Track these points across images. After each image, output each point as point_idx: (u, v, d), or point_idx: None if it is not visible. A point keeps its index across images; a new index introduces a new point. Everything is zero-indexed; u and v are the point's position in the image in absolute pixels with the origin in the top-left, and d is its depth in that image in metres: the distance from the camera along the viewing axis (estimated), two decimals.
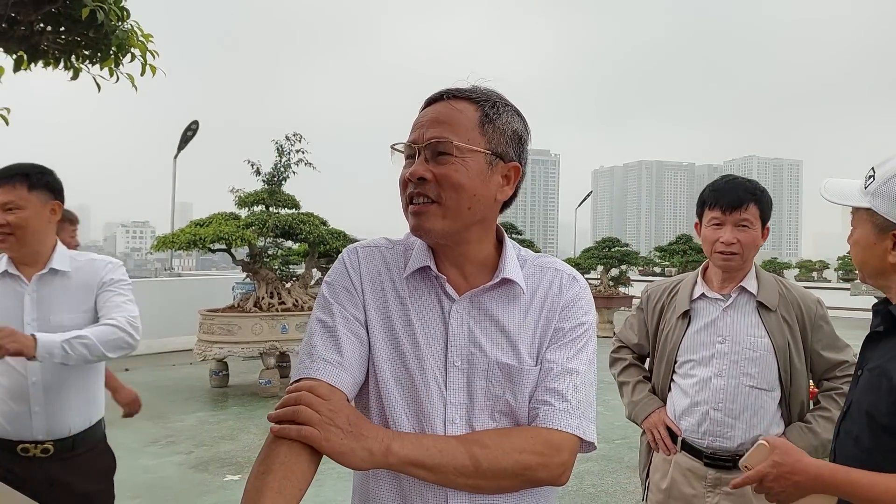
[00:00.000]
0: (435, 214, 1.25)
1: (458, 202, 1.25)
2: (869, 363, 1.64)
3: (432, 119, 1.27)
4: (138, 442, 6.36)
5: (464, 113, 1.27)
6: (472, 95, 1.30)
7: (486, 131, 1.28)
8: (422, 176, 1.24)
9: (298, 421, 1.13)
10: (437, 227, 1.26)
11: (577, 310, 1.35)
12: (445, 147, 1.24)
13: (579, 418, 1.27)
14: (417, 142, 1.26)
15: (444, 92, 1.31)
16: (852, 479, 1.50)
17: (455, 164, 1.24)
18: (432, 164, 1.25)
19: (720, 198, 2.38)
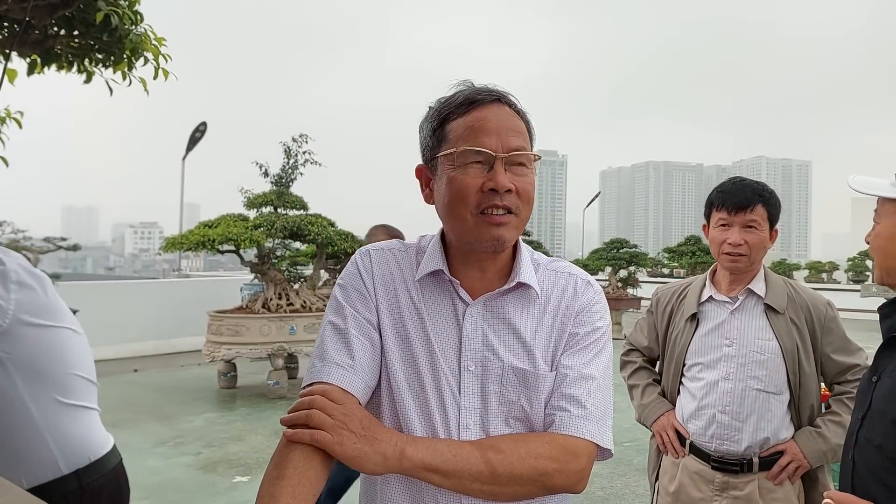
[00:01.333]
0: (513, 226, 1.26)
1: (527, 213, 1.28)
2: (889, 369, 1.60)
3: (504, 126, 1.25)
4: (146, 443, 6.39)
5: (521, 122, 1.29)
6: (512, 102, 1.30)
7: (531, 140, 1.31)
8: (509, 188, 1.23)
9: (311, 425, 1.12)
10: (511, 238, 1.28)
11: (592, 315, 1.35)
12: (523, 158, 1.25)
13: (596, 425, 1.26)
14: (496, 150, 1.23)
15: (498, 94, 1.29)
16: None
17: (529, 176, 1.27)
18: (509, 174, 1.24)
19: (727, 199, 2.38)
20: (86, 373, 2.03)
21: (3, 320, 1.80)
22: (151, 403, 8.13)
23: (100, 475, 1.96)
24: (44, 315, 1.91)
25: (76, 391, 1.97)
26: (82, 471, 1.92)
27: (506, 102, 1.28)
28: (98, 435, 2.01)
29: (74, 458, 1.91)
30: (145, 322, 11.88)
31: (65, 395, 1.93)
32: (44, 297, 1.93)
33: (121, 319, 11.51)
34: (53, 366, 1.91)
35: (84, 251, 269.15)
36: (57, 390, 1.91)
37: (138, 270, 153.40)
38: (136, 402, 8.20)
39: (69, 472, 1.90)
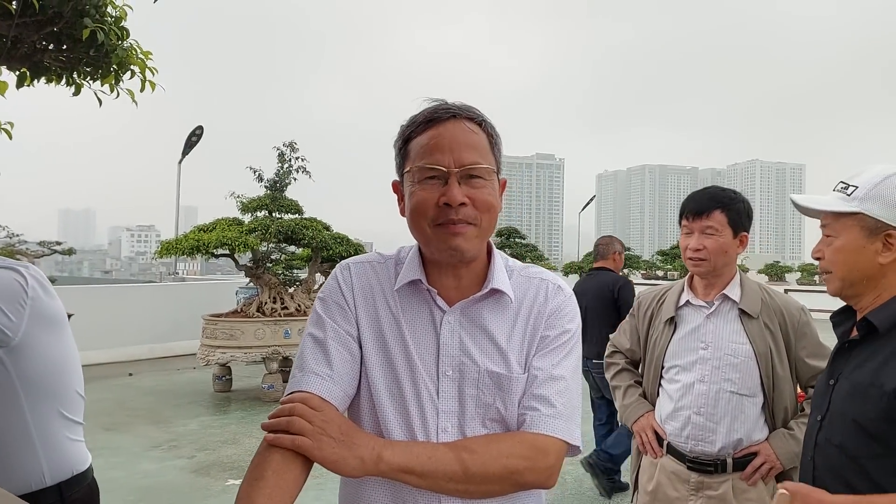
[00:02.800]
0: (472, 236, 1.31)
1: (489, 223, 1.33)
2: (846, 372, 1.68)
3: (457, 142, 1.30)
4: (140, 446, 6.43)
5: (480, 136, 1.33)
6: (475, 117, 1.35)
7: (494, 152, 1.36)
8: (463, 201, 1.28)
9: (292, 431, 1.17)
10: (472, 248, 1.32)
11: (562, 318, 1.40)
12: (478, 171, 1.30)
13: (565, 423, 1.31)
14: (448, 165, 1.29)
15: (454, 111, 1.33)
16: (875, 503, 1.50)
17: (486, 187, 1.31)
18: (465, 187, 1.29)
19: (687, 206, 2.51)
20: (80, 388, 2.07)
21: (15, 336, 1.83)
22: (146, 407, 8.16)
23: (79, 488, 2.00)
24: (54, 331, 1.95)
25: (73, 406, 2.02)
26: (64, 483, 1.96)
27: (466, 117, 1.33)
28: (82, 449, 2.06)
29: (59, 470, 1.95)
30: (141, 325, 11.91)
31: (65, 409, 1.98)
32: (56, 313, 1.97)
33: (116, 323, 11.55)
34: (58, 381, 1.96)
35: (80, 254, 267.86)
36: (58, 404, 1.96)
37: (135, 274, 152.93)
38: (131, 405, 8.24)
39: (52, 483, 1.93)
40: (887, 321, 1.62)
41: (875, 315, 1.64)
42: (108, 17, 3.03)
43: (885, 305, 1.64)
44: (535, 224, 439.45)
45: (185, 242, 8.54)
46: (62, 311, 2.02)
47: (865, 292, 1.68)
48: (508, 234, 17.98)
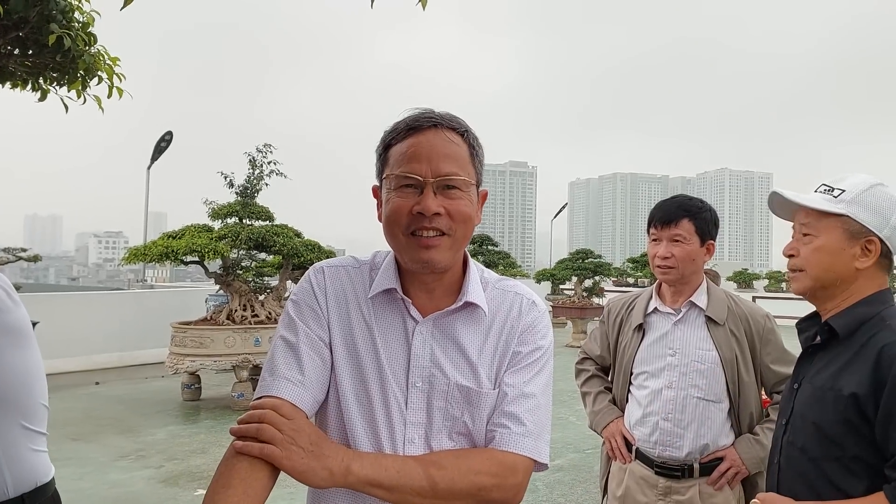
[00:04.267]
0: (445, 247, 1.30)
1: (464, 234, 1.32)
2: (808, 376, 1.73)
3: (435, 152, 1.29)
4: (107, 456, 6.32)
5: (460, 146, 1.32)
6: (457, 127, 1.34)
7: (474, 163, 1.34)
8: (437, 211, 1.27)
9: (261, 439, 1.16)
10: (445, 259, 1.31)
11: (534, 334, 1.40)
12: (456, 182, 1.29)
13: (534, 441, 1.31)
14: (424, 175, 1.28)
15: (436, 120, 1.32)
16: None
17: (464, 199, 1.30)
18: (441, 197, 1.28)
19: (655, 215, 2.55)
20: (44, 398, 2.02)
21: None
22: (113, 416, 8.04)
23: (43, 499, 1.96)
24: (19, 341, 1.90)
25: (37, 417, 1.96)
26: (28, 495, 1.91)
27: (447, 127, 1.33)
28: (45, 460, 2.01)
29: (22, 482, 1.90)
30: (108, 333, 11.73)
31: (28, 421, 1.92)
32: (21, 322, 1.91)
33: (83, 331, 11.37)
34: (21, 392, 1.90)
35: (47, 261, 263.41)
36: (21, 416, 1.90)
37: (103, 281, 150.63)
38: (98, 414, 8.11)
39: (16, 495, 1.89)
40: (847, 326, 1.66)
41: (836, 320, 1.69)
42: (74, 23, 3.00)
43: (847, 311, 1.69)
44: (508, 231, 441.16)
45: (153, 249, 8.43)
46: (27, 319, 1.97)
47: (834, 295, 1.72)
48: (481, 242, 17.98)
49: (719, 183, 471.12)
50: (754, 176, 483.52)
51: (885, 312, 1.66)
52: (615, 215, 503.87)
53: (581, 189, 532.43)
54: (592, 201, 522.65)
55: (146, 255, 8.46)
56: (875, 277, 1.69)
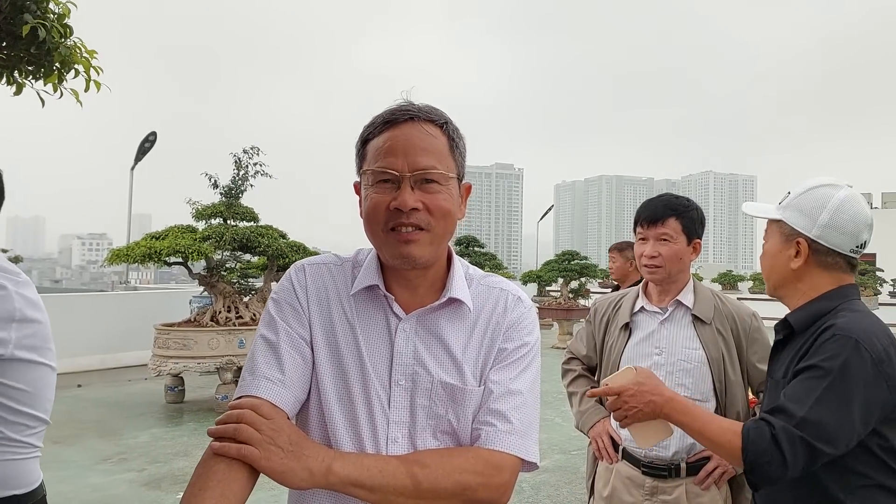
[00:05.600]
0: (424, 242, 1.27)
1: (445, 229, 1.29)
2: (773, 370, 1.83)
3: (412, 145, 1.26)
4: (88, 459, 6.24)
5: (437, 139, 1.29)
6: (435, 118, 1.31)
7: (454, 156, 1.32)
8: (414, 206, 1.24)
9: (239, 439, 1.13)
10: (425, 255, 1.28)
11: (520, 330, 1.37)
12: (434, 176, 1.26)
13: (520, 439, 1.28)
14: (401, 169, 1.25)
15: (413, 113, 1.30)
16: (694, 410, 1.77)
17: (443, 193, 1.27)
18: (419, 192, 1.26)
19: (642, 214, 2.53)
20: (48, 414, 1.98)
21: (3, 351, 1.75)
22: (95, 419, 7.94)
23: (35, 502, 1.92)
24: (36, 350, 1.86)
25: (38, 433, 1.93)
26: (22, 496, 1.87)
27: (425, 120, 1.30)
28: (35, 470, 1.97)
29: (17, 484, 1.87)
30: (90, 336, 11.58)
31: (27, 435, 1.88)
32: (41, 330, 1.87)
33: (64, 333, 11.17)
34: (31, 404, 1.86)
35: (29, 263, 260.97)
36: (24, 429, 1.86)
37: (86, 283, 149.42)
38: (80, 417, 8.01)
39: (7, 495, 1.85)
40: (802, 320, 1.75)
41: (793, 315, 1.78)
42: (50, 14, 2.92)
43: (805, 306, 1.77)
44: (495, 233, 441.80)
45: (136, 250, 8.34)
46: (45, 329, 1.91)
47: (789, 294, 1.82)
48: (467, 243, 17.94)
49: (704, 185, 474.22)
50: (738, 178, 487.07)
51: (844, 306, 1.71)
52: (601, 217, 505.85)
53: (567, 191, 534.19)
54: (578, 203, 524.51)
55: (129, 255, 8.37)
56: (821, 275, 1.76)
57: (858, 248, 1.75)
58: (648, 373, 1.91)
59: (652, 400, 1.83)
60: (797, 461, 1.53)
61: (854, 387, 1.54)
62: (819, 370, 1.57)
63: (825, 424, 1.53)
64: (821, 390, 1.55)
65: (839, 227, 1.71)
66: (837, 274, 1.76)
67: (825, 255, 1.74)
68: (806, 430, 1.53)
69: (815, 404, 1.54)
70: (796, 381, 1.61)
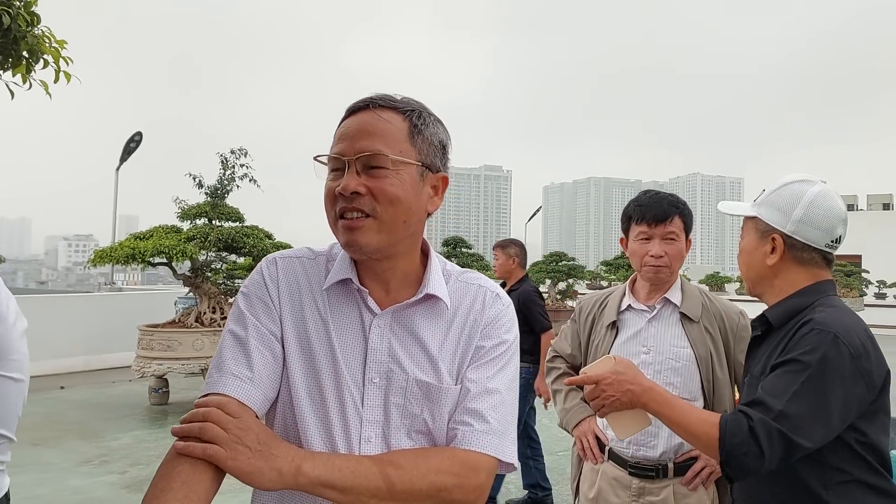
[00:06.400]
0: (370, 229, 1.22)
1: (394, 216, 1.23)
2: (750, 367, 1.82)
3: (361, 130, 1.23)
4: (69, 462, 6.15)
5: (393, 124, 1.25)
6: (397, 105, 1.27)
7: (415, 142, 1.26)
8: (355, 190, 1.20)
9: (205, 438, 1.08)
10: (372, 243, 1.23)
11: (499, 328, 1.33)
12: (380, 160, 1.21)
13: (497, 439, 1.24)
14: (346, 154, 1.22)
15: (369, 100, 1.27)
16: (673, 401, 1.75)
17: (390, 178, 1.22)
18: (365, 177, 1.21)
19: (646, 212, 2.44)
20: (12, 429, 1.89)
21: None
22: (78, 421, 7.84)
23: None
24: None
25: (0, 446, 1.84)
26: None
27: (381, 106, 1.27)
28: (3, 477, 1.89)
29: None
30: (75, 337, 11.48)
31: None
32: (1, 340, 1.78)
33: (48, 334, 11.10)
34: None
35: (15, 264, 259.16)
36: None
37: (72, 284, 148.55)
38: (62, 419, 7.91)
39: None
40: (779, 316, 1.74)
41: (770, 311, 1.77)
42: (15, 2, 2.81)
43: (782, 302, 1.76)
44: (483, 234, 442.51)
45: (119, 251, 8.25)
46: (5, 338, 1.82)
47: (765, 291, 1.82)
48: (455, 244, 17.89)
49: (691, 187, 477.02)
50: (725, 181, 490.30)
51: (821, 301, 1.70)
52: (589, 219, 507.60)
53: (555, 193, 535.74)
54: (567, 205, 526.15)
55: (112, 256, 8.29)
56: (797, 271, 1.76)
57: (834, 243, 1.75)
58: (627, 363, 1.88)
59: (630, 389, 1.81)
60: (773, 454, 1.52)
61: (832, 381, 1.53)
62: (797, 364, 1.57)
63: (802, 418, 1.52)
64: (798, 384, 1.54)
65: (813, 222, 1.72)
66: (813, 269, 1.76)
67: (801, 251, 1.75)
68: (783, 423, 1.52)
69: (792, 398, 1.53)
70: (774, 375, 1.60)
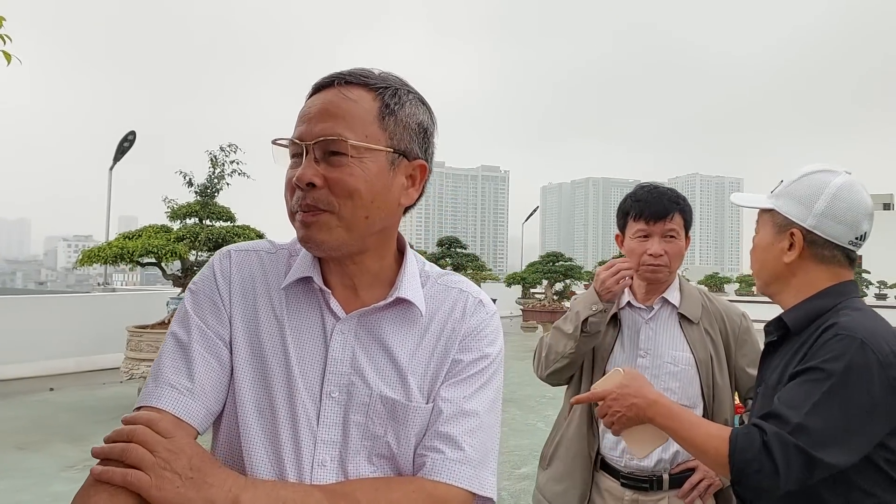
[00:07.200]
0: (327, 225, 1.07)
1: (353, 211, 1.07)
2: (765, 375, 1.64)
3: (322, 111, 1.07)
4: (53, 466, 5.99)
5: (359, 103, 1.08)
6: (367, 81, 1.10)
7: (386, 125, 1.09)
8: (310, 181, 1.05)
9: (127, 462, 0.93)
10: (328, 240, 1.08)
11: (480, 339, 1.17)
12: (339, 146, 1.05)
13: (473, 469, 1.08)
14: (304, 138, 1.07)
15: (335, 77, 1.11)
16: (680, 413, 1.59)
17: (350, 167, 1.06)
18: (323, 165, 1.06)
19: (645, 208, 2.26)
20: None
21: None
22: (64, 424, 7.69)
23: None
24: None
25: None
26: None
27: (349, 83, 1.11)
28: None
29: None
30: (65, 338, 11.32)
31: None
32: None
33: (37, 335, 10.95)
34: None
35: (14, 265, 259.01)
36: None
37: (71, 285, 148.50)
38: (48, 422, 7.75)
39: None
40: (798, 320, 1.57)
41: (788, 314, 1.60)
42: None
43: (801, 305, 1.59)
44: (481, 235, 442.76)
45: (107, 250, 8.12)
46: None
47: (782, 291, 1.65)
48: (449, 244, 17.73)
49: (690, 187, 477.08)
50: (725, 181, 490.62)
51: (845, 304, 1.53)
52: (587, 219, 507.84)
53: (553, 193, 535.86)
54: (565, 206, 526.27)
55: (101, 256, 8.16)
56: (817, 270, 1.58)
57: (858, 240, 1.57)
58: (635, 374, 1.74)
59: (634, 403, 1.66)
60: (790, 472, 1.35)
61: (858, 392, 1.36)
62: (819, 372, 1.40)
63: (824, 432, 1.35)
64: (820, 394, 1.37)
65: (836, 216, 1.53)
66: (835, 269, 1.58)
67: (822, 248, 1.56)
68: (801, 437, 1.35)
69: (812, 409, 1.37)
70: (793, 385, 1.44)
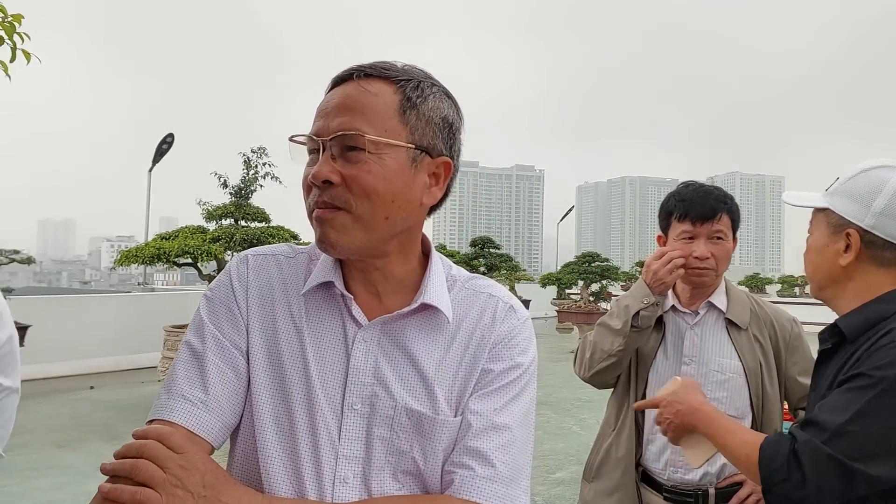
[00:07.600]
0: (343, 225, 1.01)
1: (372, 211, 1.01)
2: (818, 383, 1.53)
3: (340, 105, 1.02)
4: (91, 465, 6.03)
5: (380, 97, 1.03)
6: (388, 74, 1.05)
7: (407, 119, 1.04)
8: (327, 178, 1.00)
9: (137, 479, 0.87)
10: (346, 241, 1.02)
11: (512, 348, 1.11)
12: (356, 141, 1.00)
13: (504, 487, 1.01)
14: (321, 134, 1.01)
15: (355, 69, 1.06)
16: (718, 420, 1.56)
17: (368, 164, 1.00)
18: (340, 161, 1.00)
19: (691, 209, 2.13)
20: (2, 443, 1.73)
21: None
22: (103, 422, 7.77)
23: None
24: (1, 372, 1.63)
25: None
26: None
27: (368, 76, 1.04)
28: None
29: None
30: (105, 337, 11.51)
31: None
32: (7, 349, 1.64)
33: (78, 334, 11.14)
34: None
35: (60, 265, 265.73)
36: None
37: (114, 284, 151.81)
38: (88, 420, 7.84)
39: None
40: (854, 326, 1.45)
41: (844, 320, 1.48)
42: None
43: (858, 310, 1.47)
44: (515, 235, 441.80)
45: (145, 251, 8.23)
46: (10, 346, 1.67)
47: (836, 296, 1.54)
48: (483, 244, 17.58)
49: (730, 186, 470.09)
50: (766, 179, 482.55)
51: None
52: (624, 219, 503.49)
53: (589, 193, 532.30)
54: (601, 205, 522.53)
55: (138, 256, 8.27)
56: (876, 273, 1.46)
57: None
58: (689, 382, 1.72)
59: (679, 410, 1.63)
60: (823, 484, 1.24)
61: None
62: (866, 378, 1.29)
63: (865, 442, 1.24)
64: (863, 402, 1.26)
65: None
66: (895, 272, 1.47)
67: (881, 249, 1.44)
68: (837, 446, 1.24)
69: (854, 417, 1.25)
70: (837, 392, 1.33)
